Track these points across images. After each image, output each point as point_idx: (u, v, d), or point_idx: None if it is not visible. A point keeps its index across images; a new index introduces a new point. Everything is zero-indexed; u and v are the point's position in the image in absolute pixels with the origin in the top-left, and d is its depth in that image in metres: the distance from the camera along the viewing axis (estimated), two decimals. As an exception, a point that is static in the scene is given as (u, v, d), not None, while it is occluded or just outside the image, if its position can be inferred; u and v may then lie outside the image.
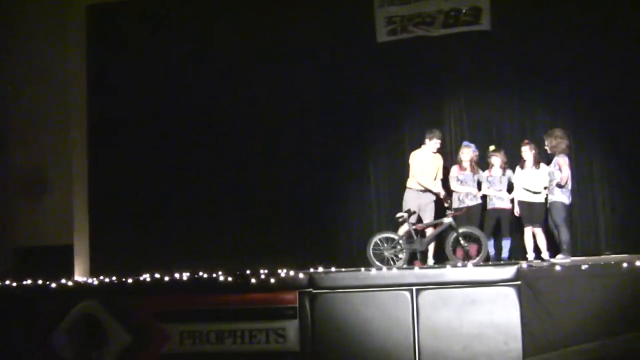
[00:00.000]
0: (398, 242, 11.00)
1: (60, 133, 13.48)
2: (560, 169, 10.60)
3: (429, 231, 11.29)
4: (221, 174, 13.34)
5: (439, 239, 11.32)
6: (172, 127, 13.59)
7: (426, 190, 11.46)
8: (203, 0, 13.62)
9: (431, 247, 11.37)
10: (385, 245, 11.03)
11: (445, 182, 11.78)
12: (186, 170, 13.45)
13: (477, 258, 10.64)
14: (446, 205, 11.34)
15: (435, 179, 11.64)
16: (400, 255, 10.95)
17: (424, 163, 11.48)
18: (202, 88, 13.54)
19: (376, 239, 11.10)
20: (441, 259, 11.34)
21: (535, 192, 10.98)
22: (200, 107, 13.53)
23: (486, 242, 10.74)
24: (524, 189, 11.06)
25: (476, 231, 10.80)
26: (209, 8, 13.56)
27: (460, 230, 10.77)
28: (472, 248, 10.87)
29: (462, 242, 10.73)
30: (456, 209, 11.19)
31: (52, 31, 13.64)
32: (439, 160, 11.69)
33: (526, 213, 11.09)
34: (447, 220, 10.92)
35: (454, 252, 10.80)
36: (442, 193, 11.45)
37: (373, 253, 11.00)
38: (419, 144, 11.78)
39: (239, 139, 13.34)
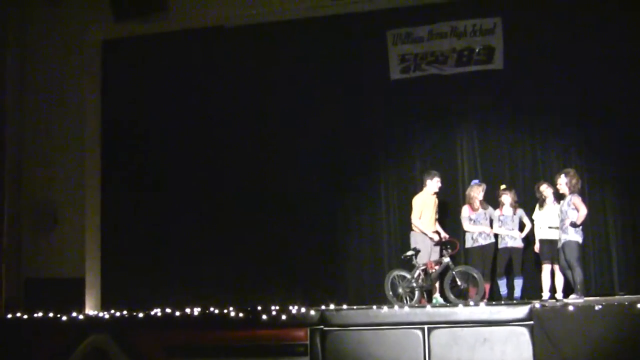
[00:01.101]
0: (410, 281, 10.97)
1: (73, 166, 13.52)
2: (576, 208, 10.57)
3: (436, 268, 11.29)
4: (233, 209, 13.32)
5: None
6: (185, 162, 13.63)
7: (433, 231, 11.52)
8: (218, 36, 13.69)
9: (437, 286, 11.34)
10: (401, 282, 11.01)
11: (452, 222, 11.81)
12: (198, 206, 13.46)
13: (474, 297, 10.59)
14: (443, 243, 11.31)
15: (435, 220, 11.70)
16: (415, 293, 10.97)
17: (426, 206, 11.52)
18: (216, 123, 13.59)
19: (392, 276, 11.09)
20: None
21: (558, 228, 10.94)
22: (213, 143, 13.56)
23: (482, 281, 10.69)
24: (550, 227, 11.02)
25: (472, 270, 10.78)
26: (224, 43, 13.64)
27: (457, 270, 10.75)
28: (474, 288, 10.82)
29: (458, 281, 10.68)
30: (452, 249, 11.15)
31: (67, 66, 13.72)
32: (436, 201, 11.72)
33: (547, 251, 11.05)
34: (445, 260, 10.93)
35: (452, 289, 10.74)
36: (439, 236, 11.44)
37: (391, 290, 11.01)
38: (423, 182, 11.75)
39: (252, 174, 13.34)
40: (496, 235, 11.36)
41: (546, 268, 11.08)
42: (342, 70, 13.17)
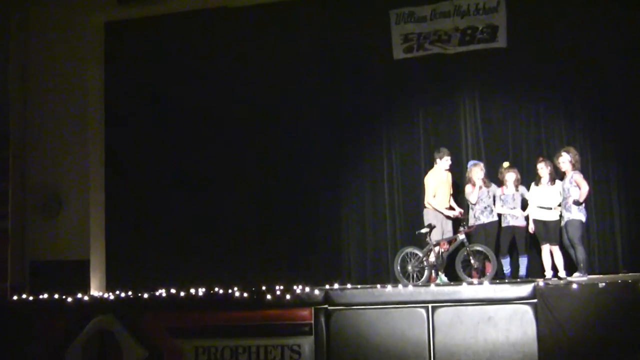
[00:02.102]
0: (421, 259, 10.95)
1: (77, 148, 13.53)
2: (578, 186, 10.56)
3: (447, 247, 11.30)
4: (238, 190, 13.33)
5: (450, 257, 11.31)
6: (189, 143, 13.62)
7: (446, 207, 11.51)
8: (220, 16, 13.65)
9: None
10: (412, 260, 10.99)
11: (457, 199, 11.85)
12: (203, 186, 13.46)
13: (486, 276, 10.59)
14: (461, 218, 11.32)
15: (450, 196, 11.69)
16: (424, 272, 10.95)
17: (439, 183, 11.51)
18: (219, 107, 13.57)
19: (403, 253, 11.06)
20: (451, 275, 11.33)
21: (549, 209, 10.89)
22: (217, 125, 13.55)
23: (495, 261, 10.69)
24: (539, 207, 10.97)
25: (486, 249, 10.75)
26: (226, 24, 13.61)
27: (471, 248, 10.74)
28: (486, 267, 10.85)
29: (471, 259, 10.68)
30: (469, 226, 11.16)
31: (70, 48, 13.71)
32: (450, 177, 11.74)
33: (541, 231, 11.00)
34: (461, 237, 10.90)
35: (464, 269, 10.75)
36: (456, 211, 11.46)
37: (400, 268, 10.98)
38: (433, 159, 11.77)
39: (255, 156, 13.35)
40: (499, 214, 11.34)
41: (544, 248, 11.03)
42: (345, 50, 13.11)
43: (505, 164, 11.46)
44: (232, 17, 13.58)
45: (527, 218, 11.23)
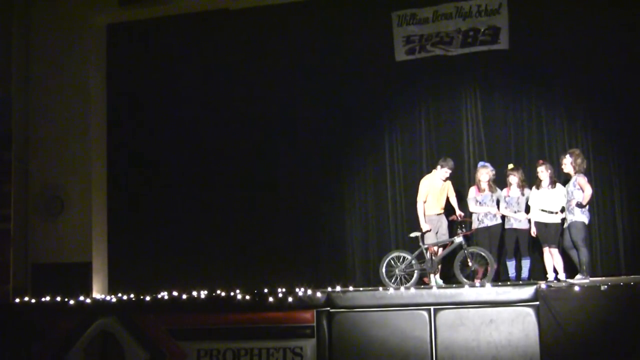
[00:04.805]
0: (410, 262, 10.97)
1: (79, 151, 13.53)
2: (581, 189, 10.56)
3: (440, 251, 11.30)
4: (240, 193, 13.34)
5: (448, 259, 11.31)
6: (191, 145, 13.64)
7: (439, 213, 11.53)
8: (222, 19, 13.66)
9: (439, 267, 11.36)
10: (398, 263, 11.02)
11: (462, 202, 11.83)
12: (205, 189, 13.47)
13: (484, 279, 10.58)
14: (458, 222, 11.32)
15: (445, 202, 11.69)
16: (413, 275, 10.97)
17: (432, 189, 11.51)
18: (221, 107, 13.59)
19: (389, 257, 11.09)
20: (447, 278, 11.32)
21: (551, 212, 10.89)
22: (217, 124, 13.57)
23: (493, 264, 10.67)
24: (541, 210, 10.97)
25: (484, 252, 10.74)
26: (228, 27, 13.62)
27: (469, 251, 10.73)
28: (480, 269, 10.85)
29: (469, 262, 10.68)
30: (467, 229, 11.16)
31: (72, 51, 13.69)
32: (447, 185, 11.72)
33: (543, 233, 11.02)
34: (458, 240, 10.90)
35: (462, 271, 10.74)
36: (455, 214, 11.48)
37: (385, 272, 11.00)
38: (436, 162, 11.76)
39: (258, 158, 13.37)
40: (503, 217, 11.34)
41: (546, 251, 11.03)
42: (347, 52, 13.11)
43: (510, 166, 11.46)
44: (233, 19, 13.58)
45: (529, 221, 11.22)
